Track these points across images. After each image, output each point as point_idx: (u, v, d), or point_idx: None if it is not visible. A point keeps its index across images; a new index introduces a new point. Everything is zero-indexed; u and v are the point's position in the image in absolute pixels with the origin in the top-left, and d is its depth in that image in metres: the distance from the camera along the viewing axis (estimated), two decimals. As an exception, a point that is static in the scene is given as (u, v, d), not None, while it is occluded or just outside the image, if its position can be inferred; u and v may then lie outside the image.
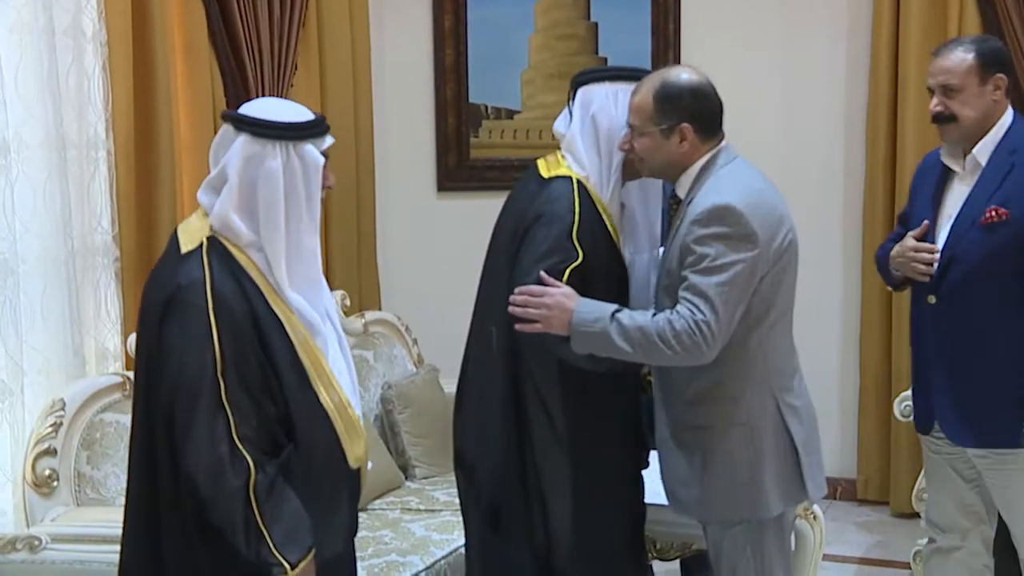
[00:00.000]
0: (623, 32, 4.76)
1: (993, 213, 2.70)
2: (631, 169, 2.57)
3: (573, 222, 2.48)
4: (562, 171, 2.57)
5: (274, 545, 2.03)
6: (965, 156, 2.81)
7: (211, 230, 2.11)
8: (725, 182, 2.43)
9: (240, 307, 2.06)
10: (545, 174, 2.59)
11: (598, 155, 2.56)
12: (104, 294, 3.28)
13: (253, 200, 2.09)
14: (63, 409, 2.87)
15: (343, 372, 2.22)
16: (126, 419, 3.03)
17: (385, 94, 4.85)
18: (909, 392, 3.81)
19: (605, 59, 4.78)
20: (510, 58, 4.81)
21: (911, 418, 3.71)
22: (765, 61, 4.65)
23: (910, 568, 3.76)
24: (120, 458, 2.97)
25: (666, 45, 4.69)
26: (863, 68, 4.57)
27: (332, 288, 4.15)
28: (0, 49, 2.86)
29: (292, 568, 2.04)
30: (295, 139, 2.11)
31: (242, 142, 2.10)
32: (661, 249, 2.62)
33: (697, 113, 2.45)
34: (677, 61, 4.67)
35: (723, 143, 2.50)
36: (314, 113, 2.20)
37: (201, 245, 2.10)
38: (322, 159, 2.15)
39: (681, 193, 2.50)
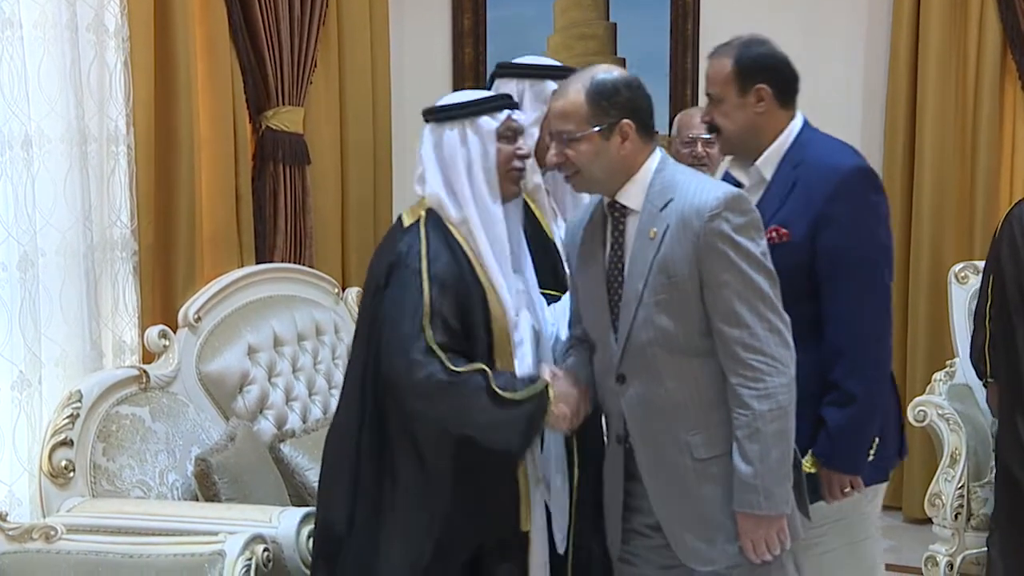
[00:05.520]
0: (642, 32, 4.76)
1: (774, 234, 2.37)
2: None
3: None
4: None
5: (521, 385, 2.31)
6: None
7: (428, 207, 2.42)
8: (704, 180, 2.26)
9: (451, 273, 2.33)
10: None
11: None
12: (122, 288, 3.30)
13: (448, 176, 2.40)
14: (80, 401, 2.89)
15: (525, 355, 2.42)
16: (142, 411, 3.07)
17: (404, 93, 4.86)
18: (923, 397, 3.82)
19: (623, 60, 4.78)
20: (528, 58, 4.83)
21: (925, 423, 3.73)
22: (784, 63, 4.65)
23: (921, 573, 3.76)
24: (135, 451, 2.99)
25: (685, 46, 4.70)
26: (882, 69, 4.56)
27: (349, 286, 4.20)
28: (24, 44, 2.88)
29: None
30: (469, 115, 2.41)
31: (427, 130, 2.45)
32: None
33: (636, 108, 2.25)
34: (695, 63, 4.68)
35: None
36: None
37: (420, 218, 2.41)
38: (491, 128, 2.40)
39: (631, 203, 2.25)
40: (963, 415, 3.73)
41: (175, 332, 3.32)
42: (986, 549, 3.59)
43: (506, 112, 2.45)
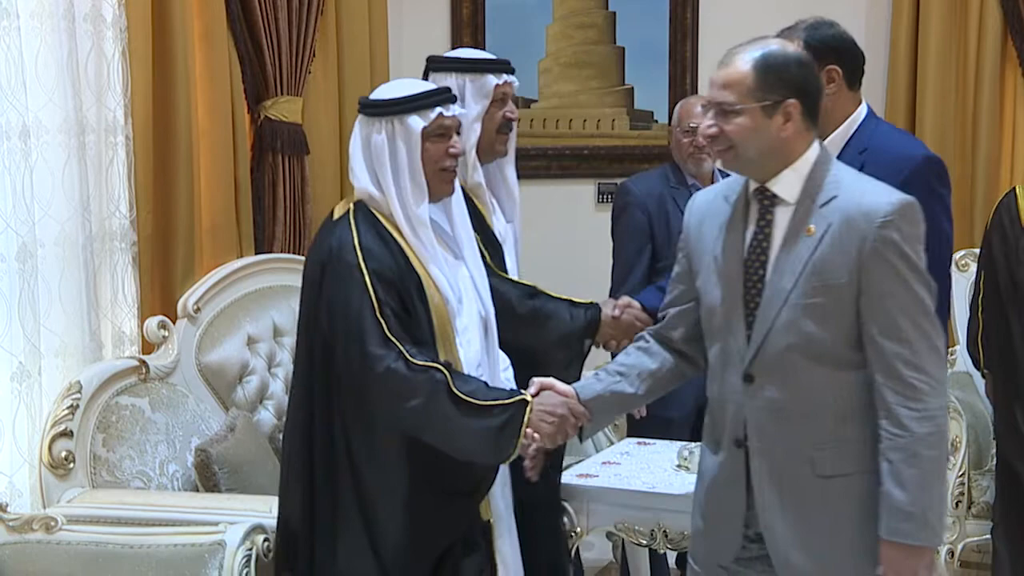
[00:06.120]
0: (641, 21, 4.74)
1: None
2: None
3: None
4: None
5: (496, 399, 2.26)
6: None
7: (357, 199, 2.39)
8: (872, 181, 2.10)
9: (387, 265, 2.30)
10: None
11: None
12: (121, 278, 3.29)
13: (375, 173, 2.35)
14: (79, 392, 2.90)
15: (472, 341, 2.40)
16: (141, 402, 3.07)
17: (403, 82, 4.85)
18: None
19: (623, 48, 4.77)
20: (527, 47, 4.79)
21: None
22: (784, 52, 4.63)
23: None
24: (135, 441, 2.99)
25: (684, 35, 4.68)
26: (882, 58, 4.54)
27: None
28: (21, 34, 2.87)
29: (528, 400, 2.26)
30: (398, 113, 2.33)
31: (358, 123, 2.39)
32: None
33: (805, 89, 2.07)
34: (695, 51, 4.66)
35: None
36: (434, 85, 2.46)
37: (348, 211, 2.37)
38: (418, 128, 2.32)
39: (785, 193, 2.08)
40: (963, 403, 3.73)
41: (174, 323, 3.32)
42: (988, 537, 3.60)
43: (437, 110, 2.36)
